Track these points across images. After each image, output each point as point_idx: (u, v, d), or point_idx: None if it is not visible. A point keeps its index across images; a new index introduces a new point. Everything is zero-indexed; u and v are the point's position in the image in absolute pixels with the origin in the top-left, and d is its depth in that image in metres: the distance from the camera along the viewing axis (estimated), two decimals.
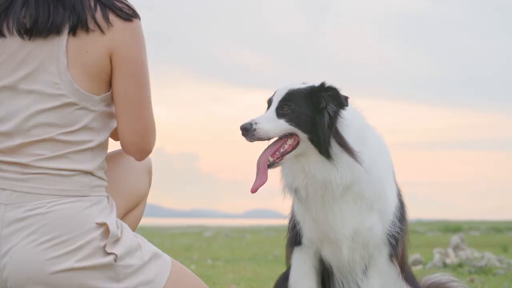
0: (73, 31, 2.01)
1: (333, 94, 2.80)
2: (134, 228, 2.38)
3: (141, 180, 2.43)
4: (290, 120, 2.76)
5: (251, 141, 2.75)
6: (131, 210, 2.41)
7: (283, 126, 2.76)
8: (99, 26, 2.02)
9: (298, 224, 3.07)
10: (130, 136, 2.15)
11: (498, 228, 23.59)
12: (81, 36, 2.02)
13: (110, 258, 2.01)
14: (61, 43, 2.02)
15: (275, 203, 3.19)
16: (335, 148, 2.77)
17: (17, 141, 2.02)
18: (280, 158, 2.76)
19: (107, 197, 2.12)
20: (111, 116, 2.15)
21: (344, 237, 2.89)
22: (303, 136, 2.76)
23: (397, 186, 3.05)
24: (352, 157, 2.76)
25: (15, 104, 2.04)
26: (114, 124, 2.17)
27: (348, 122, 2.81)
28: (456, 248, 7.60)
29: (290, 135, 2.77)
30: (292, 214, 3.15)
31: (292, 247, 3.12)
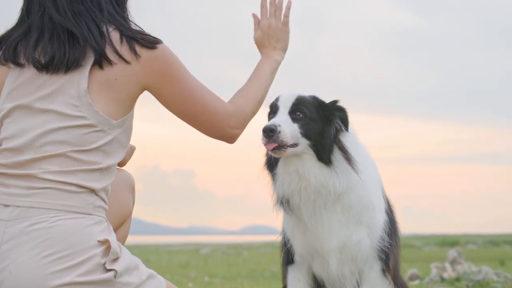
0: (98, 64, 2.04)
1: (344, 116, 2.89)
2: None
3: (126, 199, 2.44)
4: (302, 127, 2.81)
5: (268, 143, 2.77)
6: (117, 229, 2.42)
7: (295, 132, 2.80)
8: (124, 59, 2.05)
9: (288, 242, 3.09)
10: (208, 133, 2.26)
11: (495, 241, 23.56)
12: (107, 67, 2.05)
13: (110, 274, 2.01)
14: (83, 70, 2.04)
15: (272, 219, 3.21)
16: (336, 154, 2.81)
17: (27, 156, 2.03)
18: (283, 149, 2.78)
19: (106, 220, 2.13)
20: (123, 146, 2.16)
21: (331, 249, 2.90)
22: (305, 142, 2.81)
23: (387, 202, 3.07)
24: (351, 165, 2.79)
25: (29, 122, 2.05)
26: (124, 153, 2.18)
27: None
28: (453, 262, 7.59)
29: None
30: (283, 233, 3.16)
31: (286, 266, 3.13)
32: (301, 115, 2.83)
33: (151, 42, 2.09)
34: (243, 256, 16.62)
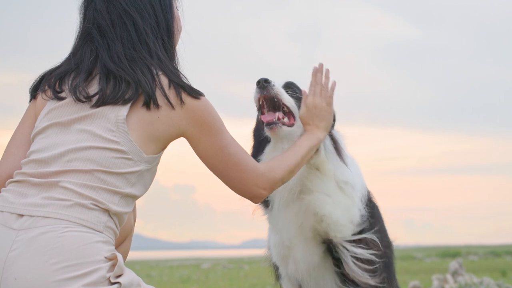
0: (146, 106, 2.11)
1: None
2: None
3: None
4: (296, 103, 2.77)
5: (263, 95, 2.71)
6: (118, 246, 2.43)
7: (292, 103, 2.76)
8: (171, 104, 2.13)
9: (269, 249, 3.09)
10: (235, 189, 2.32)
11: (496, 252, 23.53)
12: (154, 109, 2.13)
13: (114, 287, 2.01)
14: (126, 103, 2.11)
15: None
16: (327, 144, 2.79)
17: (53, 168, 2.06)
18: (280, 125, 2.72)
19: (113, 244, 2.14)
20: (145, 184, 2.21)
21: (294, 238, 2.89)
22: (299, 122, 2.74)
23: (371, 205, 2.99)
24: (340, 158, 2.80)
25: (62, 138, 2.11)
26: (144, 192, 2.23)
27: None
28: (454, 273, 7.59)
29: (288, 114, 2.77)
30: (268, 246, 3.16)
31: (279, 282, 3.14)
32: (291, 92, 2.80)
33: (196, 92, 2.18)
34: (244, 270, 16.59)
